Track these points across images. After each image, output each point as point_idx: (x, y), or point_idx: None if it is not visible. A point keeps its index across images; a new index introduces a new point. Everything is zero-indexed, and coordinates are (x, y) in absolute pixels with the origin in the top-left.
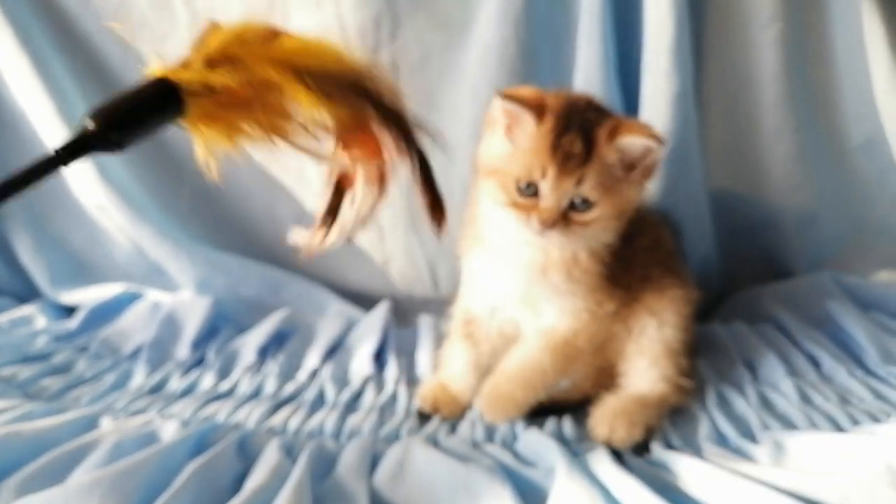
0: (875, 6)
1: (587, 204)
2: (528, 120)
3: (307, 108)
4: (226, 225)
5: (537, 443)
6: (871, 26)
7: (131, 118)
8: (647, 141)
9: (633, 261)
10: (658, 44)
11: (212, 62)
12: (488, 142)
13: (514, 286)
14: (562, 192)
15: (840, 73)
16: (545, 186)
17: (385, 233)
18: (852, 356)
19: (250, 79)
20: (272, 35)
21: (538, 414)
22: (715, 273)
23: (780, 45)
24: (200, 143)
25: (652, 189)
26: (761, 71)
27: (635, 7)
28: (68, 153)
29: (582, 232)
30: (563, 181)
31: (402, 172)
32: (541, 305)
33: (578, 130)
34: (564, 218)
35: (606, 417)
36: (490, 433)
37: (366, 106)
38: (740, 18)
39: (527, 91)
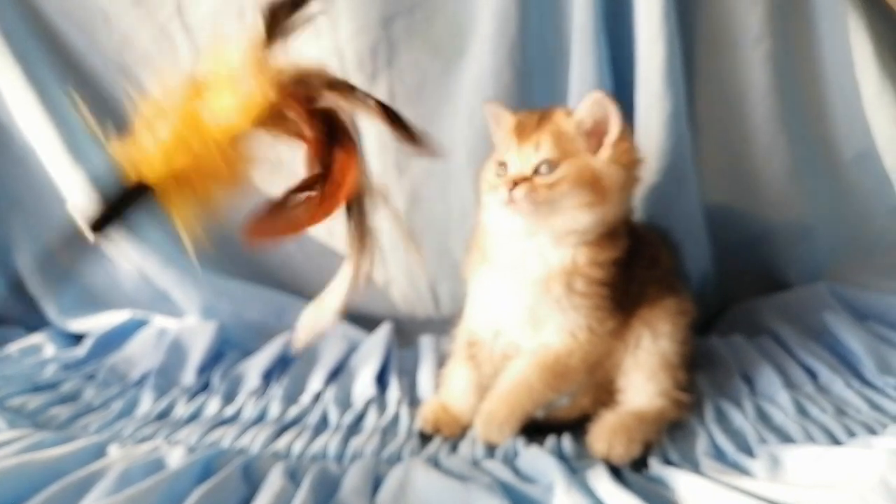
0: (861, 23)
1: (550, 167)
2: (506, 118)
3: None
4: (229, 251)
5: (537, 460)
6: (858, 42)
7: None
8: (589, 103)
9: (631, 280)
10: (649, 66)
11: (165, 148)
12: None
13: (519, 303)
14: (524, 158)
15: (830, 89)
16: (511, 158)
17: (386, 255)
18: (849, 367)
19: (200, 145)
20: (196, 91)
21: (538, 432)
22: (712, 287)
23: (769, 63)
24: (179, 218)
25: (648, 207)
26: (752, 88)
27: (627, 30)
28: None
29: (549, 198)
30: (523, 148)
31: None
32: (543, 324)
33: (539, 111)
34: (531, 182)
35: (605, 434)
36: (491, 451)
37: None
38: (729, 38)
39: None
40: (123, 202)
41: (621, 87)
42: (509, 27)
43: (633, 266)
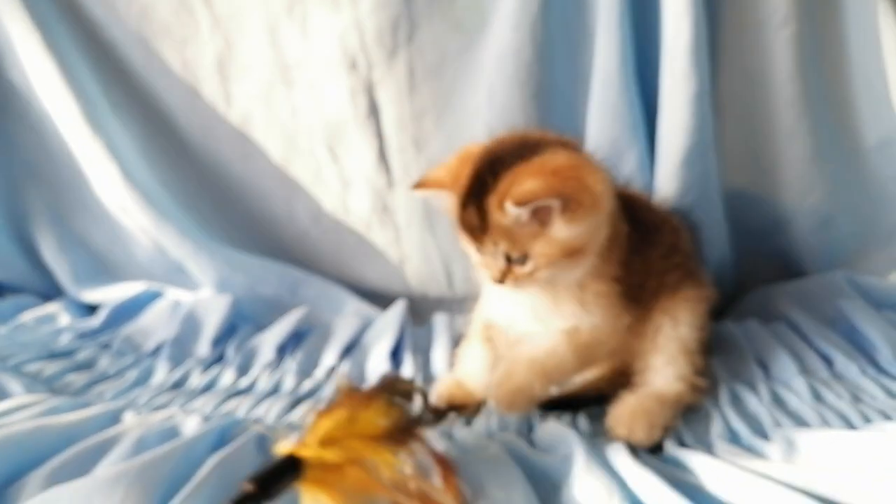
0: (890, 7)
1: (520, 258)
2: (447, 198)
3: (386, 463)
4: (245, 225)
5: (555, 431)
6: (887, 27)
7: (273, 483)
8: (516, 210)
9: (649, 270)
10: (676, 45)
11: (323, 443)
12: None
13: (529, 312)
14: (489, 255)
15: (855, 74)
16: (479, 251)
17: (401, 233)
18: (865, 355)
19: (347, 453)
20: (355, 415)
21: (553, 409)
22: (729, 272)
23: (794, 47)
24: (309, 498)
25: (668, 188)
26: (776, 72)
27: (653, 8)
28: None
29: (535, 281)
30: (482, 247)
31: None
32: (555, 324)
33: (474, 202)
34: (511, 272)
35: (625, 417)
36: (505, 424)
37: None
38: (755, 20)
39: (444, 167)
40: (279, 468)
41: (645, 66)
42: (531, 4)
43: (650, 256)
